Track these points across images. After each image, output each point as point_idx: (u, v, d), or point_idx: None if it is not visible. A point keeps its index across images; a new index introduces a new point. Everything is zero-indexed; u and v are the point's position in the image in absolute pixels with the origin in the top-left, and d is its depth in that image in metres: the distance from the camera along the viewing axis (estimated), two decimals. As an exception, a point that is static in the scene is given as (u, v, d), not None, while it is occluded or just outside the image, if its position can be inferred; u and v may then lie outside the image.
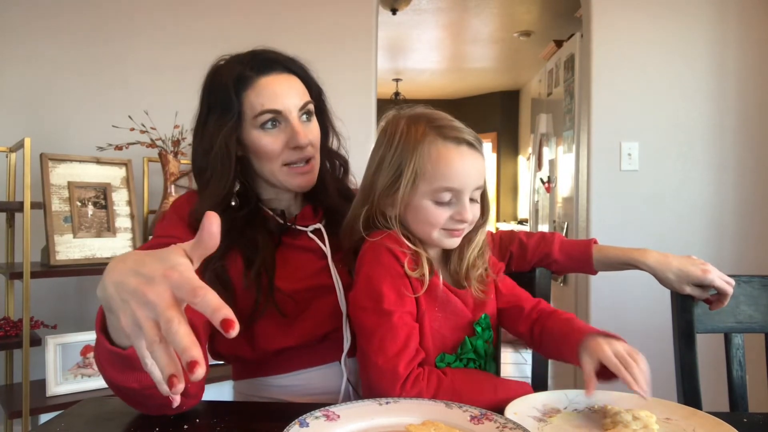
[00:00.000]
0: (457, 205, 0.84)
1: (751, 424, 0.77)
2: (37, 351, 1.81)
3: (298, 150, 0.94)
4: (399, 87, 6.09)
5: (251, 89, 0.92)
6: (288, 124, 0.93)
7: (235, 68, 0.94)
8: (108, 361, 0.65)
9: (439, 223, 0.84)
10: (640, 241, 2.36)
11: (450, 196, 0.83)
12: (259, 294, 0.88)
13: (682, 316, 1.08)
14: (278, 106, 0.92)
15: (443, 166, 0.82)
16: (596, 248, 1.09)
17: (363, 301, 0.84)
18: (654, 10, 2.49)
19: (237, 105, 0.92)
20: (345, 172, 1.08)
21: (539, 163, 3.78)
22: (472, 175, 0.83)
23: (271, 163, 0.94)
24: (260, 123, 0.93)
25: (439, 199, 0.83)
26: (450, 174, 0.82)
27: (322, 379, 0.93)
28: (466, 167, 0.83)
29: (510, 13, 3.99)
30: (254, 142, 0.94)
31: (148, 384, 0.66)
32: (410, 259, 0.84)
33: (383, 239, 0.85)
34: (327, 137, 1.05)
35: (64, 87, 2.33)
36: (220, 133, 0.92)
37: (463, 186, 0.83)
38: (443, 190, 0.83)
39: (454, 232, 0.86)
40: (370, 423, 0.68)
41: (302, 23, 2.47)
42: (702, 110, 2.50)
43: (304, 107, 0.96)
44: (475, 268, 0.90)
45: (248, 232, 0.93)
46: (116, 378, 0.66)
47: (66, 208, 1.89)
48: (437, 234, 0.86)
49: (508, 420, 0.68)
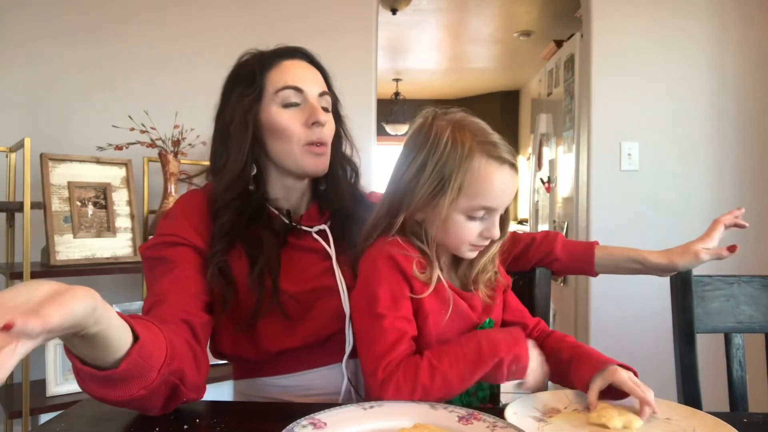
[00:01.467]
0: (487, 221, 0.85)
1: (751, 424, 0.77)
2: (37, 351, 1.80)
3: (316, 126, 0.94)
4: (399, 87, 6.09)
5: (275, 69, 0.96)
6: (307, 104, 0.95)
7: (260, 55, 0.99)
8: (99, 383, 0.64)
9: (469, 239, 0.85)
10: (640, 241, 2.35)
11: (484, 213, 0.84)
12: (261, 295, 0.88)
13: (682, 316, 1.08)
14: (300, 84, 0.95)
15: (486, 186, 0.81)
16: (600, 248, 1.09)
17: (359, 303, 0.85)
18: (654, 11, 2.49)
19: (260, 80, 0.95)
20: (356, 178, 1.08)
21: (539, 163, 3.78)
22: (507, 195, 0.84)
23: (290, 142, 0.94)
24: (281, 99, 0.94)
25: (473, 215, 0.83)
26: (491, 193, 0.82)
27: (323, 380, 0.93)
28: (506, 188, 0.83)
29: (510, 13, 3.99)
30: (273, 119, 0.94)
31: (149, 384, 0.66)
32: (418, 261, 0.84)
33: (387, 244, 0.85)
34: (341, 143, 1.06)
35: (64, 87, 2.33)
36: (240, 103, 0.94)
37: (499, 205, 0.84)
38: (480, 208, 0.83)
39: (477, 247, 0.87)
40: (358, 429, 0.67)
41: (302, 23, 2.47)
42: (702, 110, 2.50)
43: (324, 95, 0.98)
44: (485, 272, 0.91)
45: (253, 229, 0.93)
46: (117, 395, 0.65)
47: (66, 208, 1.89)
48: (465, 248, 0.86)
49: (497, 419, 0.68)
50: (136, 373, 0.64)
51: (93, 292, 0.52)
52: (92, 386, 0.65)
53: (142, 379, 0.66)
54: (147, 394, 0.67)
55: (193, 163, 2.21)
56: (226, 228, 0.90)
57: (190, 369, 0.76)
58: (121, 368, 0.61)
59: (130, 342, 0.63)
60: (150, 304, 0.83)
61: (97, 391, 0.65)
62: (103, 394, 0.65)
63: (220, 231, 0.90)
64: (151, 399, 0.70)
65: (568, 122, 3.00)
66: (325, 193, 1.03)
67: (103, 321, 0.55)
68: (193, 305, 0.83)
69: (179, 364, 0.72)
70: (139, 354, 0.63)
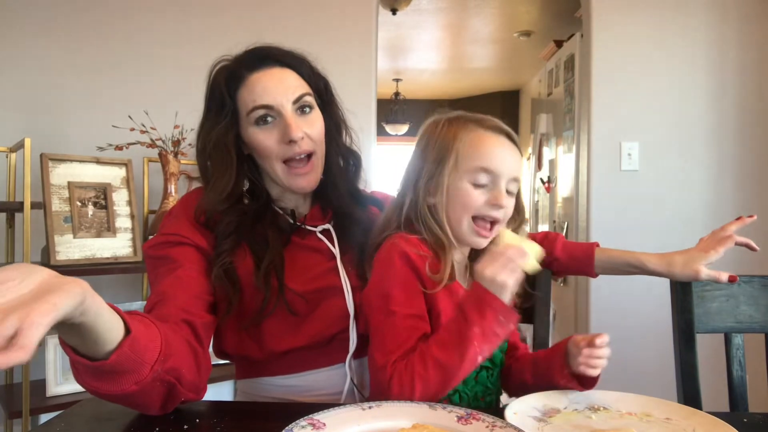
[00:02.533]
0: (493, 189, 0.86)
1: (751, 424, 0.77)
2: (37, 351, 1.81)
3: (292, 144, 0.92)
4: (399, 87, 6.09)
5: (243, 87, 0.93)
6: (281, 118, 0.92)
7: (227, 68, 0.95)
8: (94, 375, 0.64)
9: (474, 206, 0.85)
10: (640, 241, 2.36)
11: (487, 178, 0.86)
12: (267, 293, 0.88)
13: (682, 316, 1.08)
14: (269, 101, 0.91)
15: (482, 147, 0.86)
16: (599, 250, 1.09)
17: (373, 299, 0.86)
18: (654, 10, 2.49)
19: (231, 104, 0.93)
20: (357, 170, 1.05)
21: (539, 163, 3.78)
22: (507, 160, 0.86)
23: (270, 161, 0.94)
24: (254, 119, 0.93)
25: (477, 181, 0.86)
26: (488, 154, 0.86)
27: (326, 380, 0.93)
28: (504, 152, 0.87)
29: (510, 13, 3.99)
30: (251, 139, 0.94)
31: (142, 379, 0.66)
32: (431, 262, 0.85)
33: (402, 242, 0.85)
34: (339, 132, 1.02)
35: (64, 87, 2.33)
36: (213, 131, 0.93)
37: (500, 170, 0.85)
38: (481, 170, 0.85)
39: (484, 230, 0.86)
40: (358, 429, 0.67)
41: (302, 23, 2.47)
42: (702, 110, 2.50)
43: (299, 99, 0.93)
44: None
45: (258, 228, 0.93)
46: (110, 389, 0.65)
47: (66, 208, 1.89)
48: (466, 224, 0.86)
49: (496, 419, 0.68)
50: (128, 367, 0.64)
51: (83, 284, 0.53)
52: (86, 378, 0.65)
53: (134, 373, 0.65)
54: (139, 390, 0.67)
55: (193, 163, 2.20)
56: (230, 228, 0.90)
57: (188, 369, 0.76)
58: (111, 360, 0.61)
59: (122, 335, 0.63)
60: (152, 304, 0.83)
61: (91, 383, 0.65)
62: (96, 387, 0.65)
63: (224, 231, 0.90)
64: (146, 396, 0.69)
65: (568, 122, 3.00)
66: (326, 190, 1.02)
67: (90, 312, 0.55)
68: (194, 305, 0.83)
69: (176, 362, 0.72)
70: (130, 348, 0.63)
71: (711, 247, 1.03)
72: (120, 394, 0.66)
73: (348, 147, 1.04)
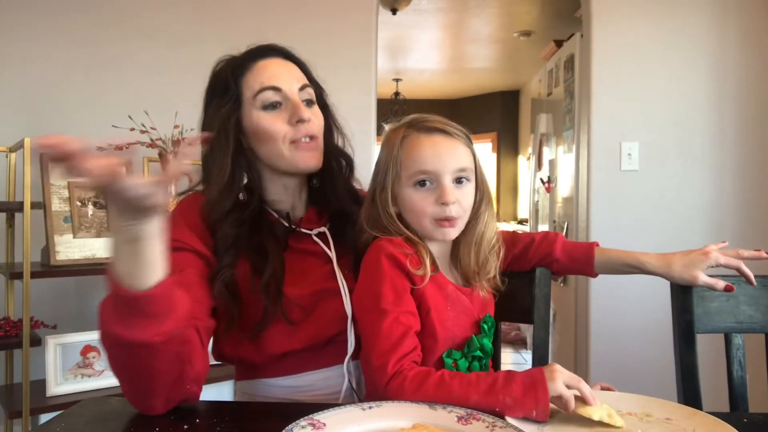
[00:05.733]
0: (438, 188, 0.87)
1: (751, 424, 0.77)
2: (37, 351, 1.81)
3: (301, 124, 0.93)
4: (399, 87, 6.09)
5: (249, 72, 0.94)
6: (288, 102, 0.93)
7: (232, 59, 0.97)
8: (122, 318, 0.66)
9: (426, 210, 0.87)
10: (640, 241, 2.36)
11: (427, 180, 0.87)
12: (268, 303, 0.88)
13: (682, 316, 1.08)
14: (277, 83, 0.93)
15: (415, 153, 0.87)
16: (599, 250, 1.09)
17: (363, 301, 0.87)
18: (654, 11, 2.49)
19: (234, 89, 0.94)
20: (351, 171, 1.06)
21: (539, 163, 3.78)
22: (444, 157, 0.87)
23: (276, 143, 0.93)
24: (261, 102, 0.93)
25: (418, 183, 0.88)
26: (421, 158, 0.87)
27: (325, 381, 0.93)
28: (438, 150, 0.87)
29: (510, 13, 3.99)
30: (256, 123, 0.93)
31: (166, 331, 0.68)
32: (413, 258, 0.86)
33: (384, 242, 0.87)
34: (331, 134, 1.04)
35: (64, 87, 2.33)
36: (217, 114, 0.93)
37: (437, 168, 0.86)
38: (418, 173, 0.87)
39: (443, 222, 0.87)
40: (357, 429, 0.67)
41: (302, 23, 2.47)
42: (702, 110, 2.50)
43: (304, 89, 0.96)
44: (485, 269, 0.93)
45: (255, 238, 0.92)
46: (133, 335, 0.66)
47: (66, 208, 1.89)
48: (428, 223, 0.88)
49: (496, 419, 0.68)
50: (159, 310, 0.67)
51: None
52: (113, 322, 0.66)
53: (162, 320, 0.67)
54: (160, 344, 0.68)
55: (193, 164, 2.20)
56: (228, 241, 0.89)
57: (197, 355, 0.77)
58: (154, 291, 0.65)
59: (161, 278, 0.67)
60: None
61: (116, 327, 0.66)
62: (120, 332, 0.66)
63: (222, 244, 0.89)
64: (160, 361, 0.70)
65: (568, 122, 3.00)
66: (322, 191, 1.02)
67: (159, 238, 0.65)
68: (197, 310, 0.83)
69: (191, 336, 0.75)
70: (169, 290, 0.67)
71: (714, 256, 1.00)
72: (142, 341, 0.66)
73: (341, 148, 1.06)
